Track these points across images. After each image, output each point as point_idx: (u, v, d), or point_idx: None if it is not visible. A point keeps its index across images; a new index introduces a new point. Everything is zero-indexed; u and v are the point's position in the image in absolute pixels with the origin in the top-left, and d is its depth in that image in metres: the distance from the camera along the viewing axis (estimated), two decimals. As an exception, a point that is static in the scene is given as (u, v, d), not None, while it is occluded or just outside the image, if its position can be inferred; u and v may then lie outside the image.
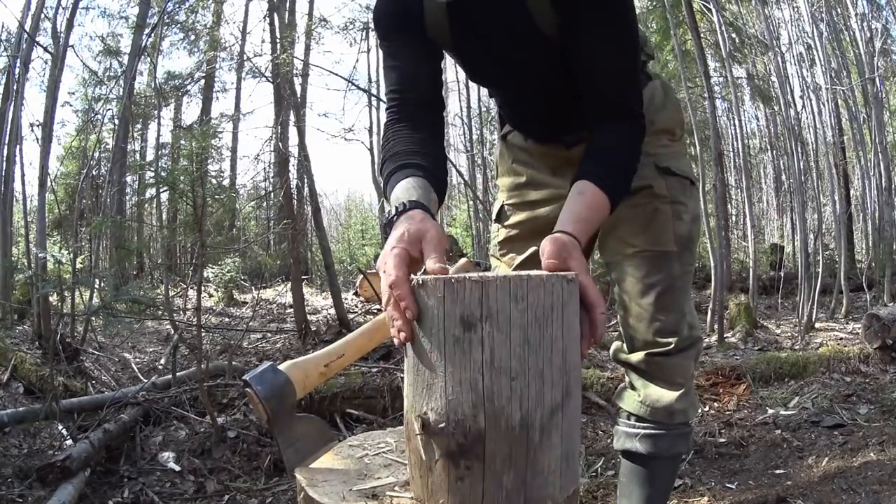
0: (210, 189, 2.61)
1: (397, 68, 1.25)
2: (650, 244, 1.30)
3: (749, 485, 2.02)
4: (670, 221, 1.31)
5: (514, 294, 0.81)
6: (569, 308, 0.86)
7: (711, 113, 5.64)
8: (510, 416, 0.82)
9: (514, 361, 0.81)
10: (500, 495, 0.83)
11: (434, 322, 0.82)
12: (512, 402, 0.82)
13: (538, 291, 0.82)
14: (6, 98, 5.26)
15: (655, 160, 1.32)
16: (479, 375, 0.81)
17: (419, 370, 0.86)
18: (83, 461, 2.05)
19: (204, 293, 6.30)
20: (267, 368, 1.03)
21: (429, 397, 0.84)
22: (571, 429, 0.89)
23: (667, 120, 1.36)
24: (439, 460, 0.84)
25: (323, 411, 2.74)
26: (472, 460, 0.83)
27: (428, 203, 1.02)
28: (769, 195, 15.74)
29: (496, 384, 0.81)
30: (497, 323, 0.80)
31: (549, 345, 0.83)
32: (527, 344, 0.82)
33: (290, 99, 5.83)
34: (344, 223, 17.65)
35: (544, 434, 0.84)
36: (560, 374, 0.85)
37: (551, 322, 0.84)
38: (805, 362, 3.28)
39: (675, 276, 1.31)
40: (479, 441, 0.82)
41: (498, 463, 0.83)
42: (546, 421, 0.84)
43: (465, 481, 0.83)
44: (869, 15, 7.55)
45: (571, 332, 0.87)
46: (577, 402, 0.89)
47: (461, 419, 0.82)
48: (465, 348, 0.81)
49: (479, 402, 0.81)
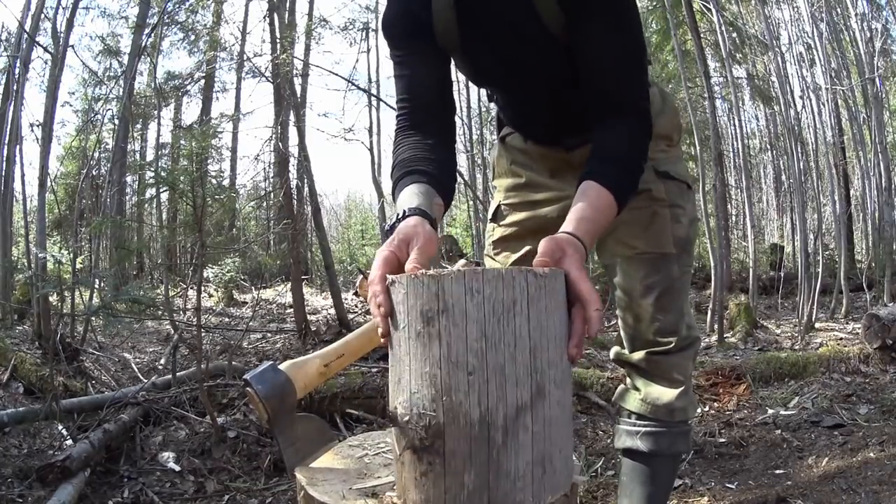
0: (210, 189, 2.60)
1: (406, 76, 1.26)
2: (650, 246, 1.32)
3: (749, 485, 2.02)
4: (669, 224, 1.33)
5: (468, 287, 0.80)
6: (539, 304, 0.84)
7: (711, 113, 5.64)
8: (468, 412, 0.81)
9: (471, 356, 0.80)
10: (462, 494, 0.82)
11: (402, 317, 0.84)
12: (470, 398, 0.81)
13: (495, 284, 0.81)
14: (6, 98, 5.27)
15: (654, 164, 1.33)
16: (438, 369, 0.81)
17: (393, 364, 0.88)
18: (83, 461, 2.05)
19: (204, 293, 6.30)
20: (267, 368, 1.03)
21: (399, 391, 0.86)
22: (549, 432, 0.86)
23: (665, 125, 1.38)
24: (407, 454, 0.85)
25: (323, 411, 2.73)
26: (433, 456, 0.82)
27: (429, 208, 1.03)
28: (769, 195, 15.74)
29: (453, 378, 0.81)
30: (453, 316, 0.80)
31: (511, 340, 0.82)
32: (484, 338, 0.81)
33: (290, 99, 5.83)
34: (344, 223, 17.64)
35: (509, 434, 0.82)
36: (527, 372, 0.83)
37: (513, 316, 0.82)
38: (805, 362, 3.27)
39: (674, 278, 1.33)
40: (438, 436, 0.82)
41: (458, 460, 0.82)
42: (510, 421, 0.82)
43: (427, 477, 0.83)
44: (869, 15, 7.55)
45: (545, 329, 0.85)
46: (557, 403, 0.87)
47: (422, 413, 0.82)
48: (426, 342, 0.81)
49: (437, 397, 0.81)
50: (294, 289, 5.20)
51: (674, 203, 1.34)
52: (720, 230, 5.67)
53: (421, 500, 0.84)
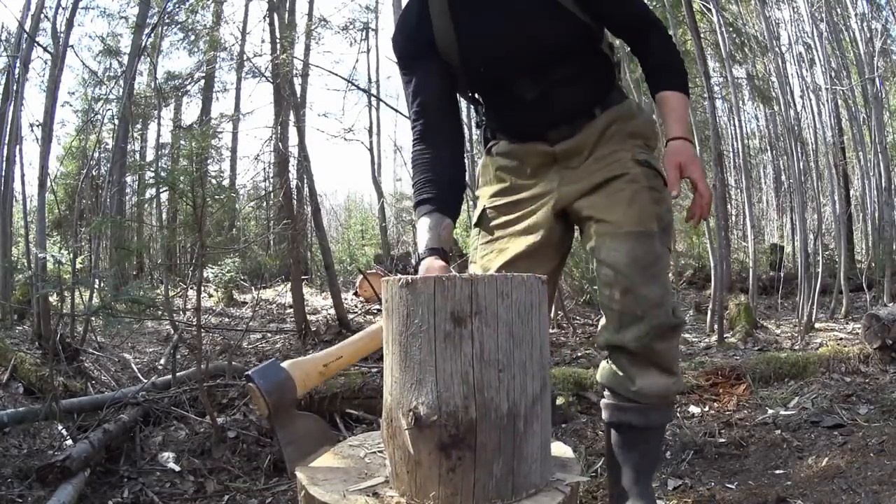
0: (210, 189, 2.60)
1: (414, 92, 1.49)
2: (633, 224, 1.39)
3: (749, 485, 2.02)
4: (650, 204, 1.42)
5: (500, 291, 0.87)
6: (543, 307, 0.94)
7: (711, 113, 5.64)
8: (499, 406, 0.87)
9: (501, 354, 0.87)
10: (491, 483, 0.87)
11: (424, 319, 0.87)
12: (500, 393, 0.87)
13: (521, 290, 0.89)
14: (6, 98, 5.26)
15: (633, 154, 1.46)
16: (470, 368, 0.86)
17: (408, 366, 0.89)
18: (83, 461, 2.05)
19: (204, 293, 6.30)
20: (269, 364, 1.08)
21: (419, 391, 0.88)
22: (547, 419, 0.96)
23: (640, 126, 1.53)
24: (430, 453, 0.87)
25: (323, 411, 2.73)
26: (463, 451, 0.86)
27: (438, 240, 1.37)
28: (769, 195, 15.74)
29: (486, 376, 0.86)
30: (486, 318, 0.86)
31: (529, 339, 0.90)
32: (511, 338, 0.88)
33: (289, 99, 5.83)
34: (344, 223, 17.63)
35: (528, 423, 0.90)
36: (539, 367, 0.92)
37: (531, 318, 0.91)
38: (805, 362, 3.27)
39: (657, 253, 1.40)
40: (470, 431, 0.86)
41: (489, 452, 0.87)
42: (529, 411, 0.90)
43: (456, 472, 0.87)
44: (869, 15, 7.55)
45: (544, 329, 0.95)
46: (549, 393, 0.98)
47: (453, 410, 0.86)
48: (456, 342, 0.86)
49: (470, 394, 0.86)
50: (294, 289, 5.20)
51: (652, 186, 1.44)
52: (720, 230, 5.67)
53: (448, 494, 0.87)
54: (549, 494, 0.91)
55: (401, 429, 0.89)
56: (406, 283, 0.88)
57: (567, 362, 3.84)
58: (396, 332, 0.90)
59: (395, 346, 0.90)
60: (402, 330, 0.89)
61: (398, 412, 0.90)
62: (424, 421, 0.86)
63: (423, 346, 0.87)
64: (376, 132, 10.64)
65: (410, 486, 0.90)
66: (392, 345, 0.91)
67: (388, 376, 0.94)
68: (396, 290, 0.90)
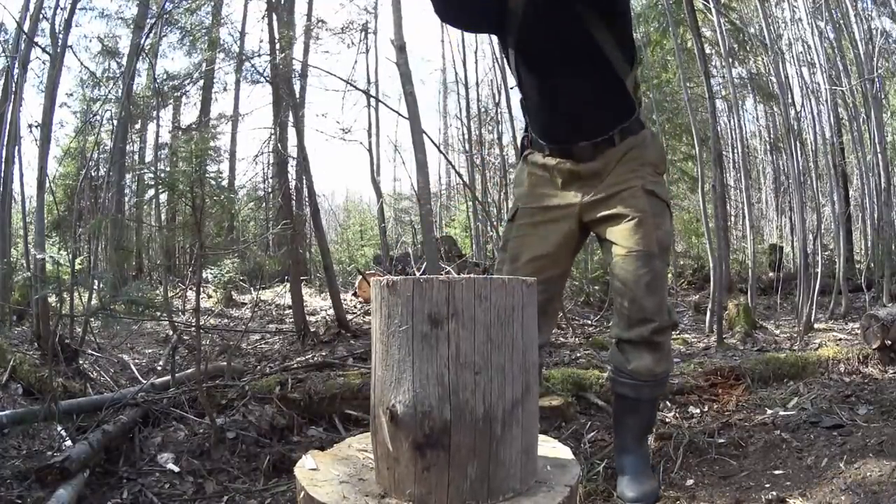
0: (209, 190, 2.60)
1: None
2: (639, 246, 1.81)
3: (749, 485, 2.02)
4: (652, 231, 1.82)
5: (478, 294, 0.87)
6: (527, 310, 0.94)
7: (711, 113, 5.62)
8: (474, 408, 0.87)
9: (478, 357, 0.87)
10: (465, 484, 0.88)
11: (403, 319, 0.87)
12: (476, 396, 0.87)
13: (500, 292, 0.89)
14: (5, 99, 5.26)
15: (643, 184, 1.84)
16: (445, 369, 0.86)
17: (388, 364, 0.90)
18: (82, 462, 2.04)
19: (203, 294, 6.30)
20: None
21: (397, 390, 0.88)
22: (530, 423, 0.96)
23: (653, 154, 1.91)
24: (406, 451, 0.88)
25: (322, 412, 2.73)
26: (438, 451, 0.87)
27: None
28: (768, 195, 15.75)
29: (461, 378, 0.87)
30: (462, 320, 0.86)
31: (510, 342, 0.90)
32: (490, 341, 0.88)
33: (288, 100, 5.82)
34: (343, 224, 17.63)
35: (506, 427, 0.90)
36: (520, 371, 0.92)
37: (512, 321, 0.90)
38: (804, 363, 3.27)
39: (657, 270, 1.83)
40: (444, 432, 0.86)
41: (463, 454, 0.87)
42: (507, 415, 0.90)
43: (430, 472, 0.87)
44: (869, 15, 7.55)
45: (529, 333, 0.95)
46: (534, 398, 0.98)
47: (428, 411, 0.86)
48: (433, 343, 0.86)
49: (444, 395, 0.87)
50: (293, 290, 5.19)
51: (656, 215, 1.84)
52: (719, 231, 5.65)
53: (423, 493, 0.88)
54: (532, 498, 0.90)
55: (382, 425, 0.90)
56: (387, 284, 0.89)
57: (566, 363, 3.83)
58: (379, 330, 0.92)
59: (379, 344, 0.92)
60: (384, 329, 0.90)
61: (379, 409, 0.92)
62: (401, 419, 0.87)
63: (402, 345, 0.88)
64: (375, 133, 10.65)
65: (390, 481, 0.92)
66: (377, 343, 0.94)
67: (373, 373, 0.95)
68: (379, 291, 0.91)
